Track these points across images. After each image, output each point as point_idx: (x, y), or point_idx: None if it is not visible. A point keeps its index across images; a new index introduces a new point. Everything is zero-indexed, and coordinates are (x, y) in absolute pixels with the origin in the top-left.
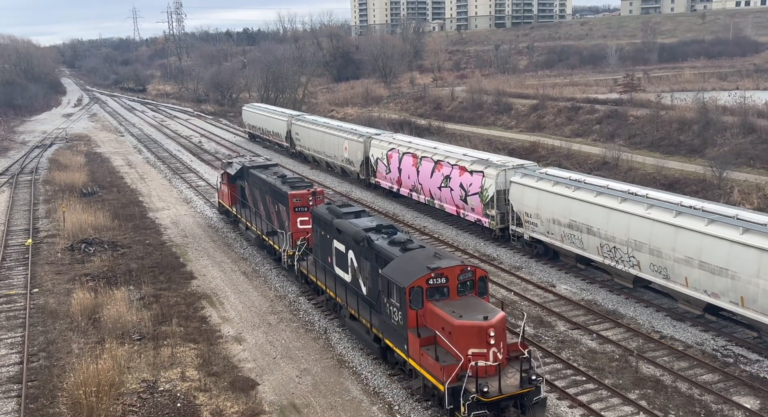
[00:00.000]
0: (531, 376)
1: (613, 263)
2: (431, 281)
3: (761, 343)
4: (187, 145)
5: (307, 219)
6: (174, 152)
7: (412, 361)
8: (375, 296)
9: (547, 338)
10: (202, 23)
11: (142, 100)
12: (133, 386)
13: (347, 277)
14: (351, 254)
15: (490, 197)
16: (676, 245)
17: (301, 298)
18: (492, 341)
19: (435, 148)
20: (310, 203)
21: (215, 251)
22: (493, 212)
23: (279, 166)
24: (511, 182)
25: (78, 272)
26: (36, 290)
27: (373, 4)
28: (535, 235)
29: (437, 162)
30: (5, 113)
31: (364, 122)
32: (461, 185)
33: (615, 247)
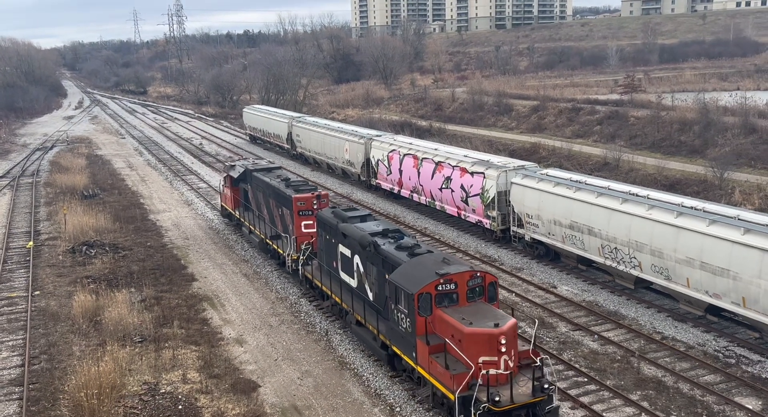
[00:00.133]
0: (543, 384)
1: (614, 264)
2: (440, 287)
3: (763, 344)
4: (187, 147)
5: (311, 223)
6: (175, 154)
7: (420, 369)
8: (382, 302)
9: (548, 339)
10: (202, 25)
11: (143, 102)
12: (134, 388)
13: (353, 283)
14: (357, 259)
15: (491, 198)
16: (677, 246)
17: (302, 299)
18: (503, 349)
19: (436, 149)
20: (315, 207)
21: (216, 253)
22: (494, 213)
23: (282, 168)
24: (512, 183)
25: (79, 274)
26: (37, 293)
27: (374, 6)
28: (536, 236)
29: (438, 163)
30: (6, 116)
31: (364, 124)
32: (462, 186)
33: (616, 248)
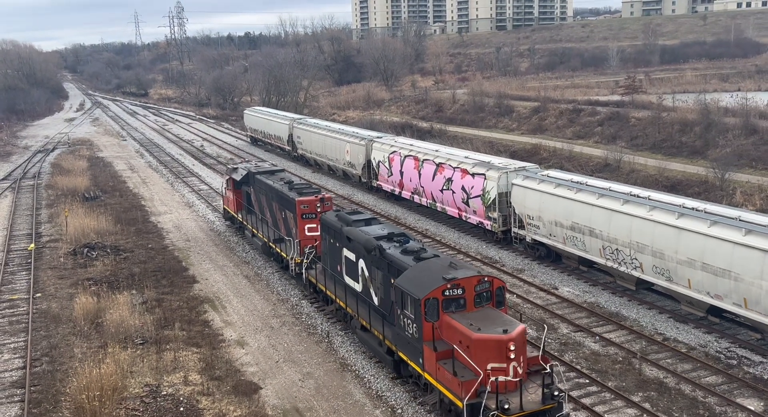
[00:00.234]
0: (553, 391)
1: (615, 265)
2: (447, 292)
3: (765, 345)
4: (189, 149)
5: (315, 226)
6: (176, 156)
7: (427, 376)
8: (388, 307)
9: (549, 341)
10: (203, 27)
11: (144, 104)
12: (136, 390)
13: (358, 287)
14: (362, 263)
15: (492, 200)
16: (678, 247)
17: (303, 301)
18: (512, 355)
19: (437, 150)
20: (318, 210)
21: (217, 255)
22: (495, 215)
23: (285, 171)
24: (513, 185)
25: (80, 277)
26: (39, 295)
27: (374, 8)
28: (537, 238)
29: (439, 165)
30: (8, 118)
31: (365, 125)
32: (463, 188)
33: (617, 249)
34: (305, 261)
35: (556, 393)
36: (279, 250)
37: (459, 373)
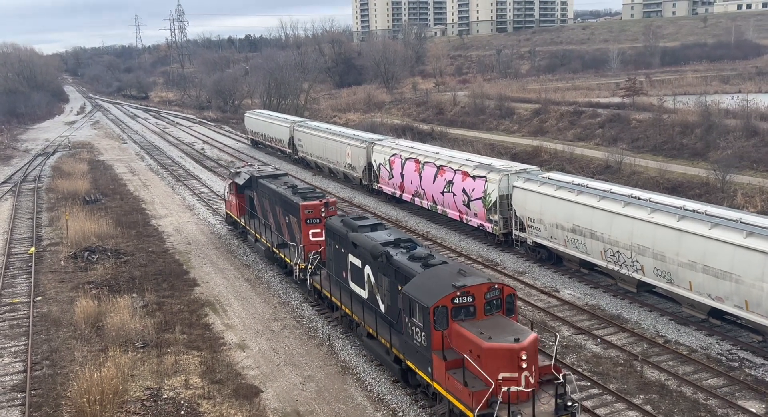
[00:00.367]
0: (566, 401)
1: (616, 267)
2: (457, 300)
3: (766, 347)
4: (189, 152)
5: (319, 231)
6: (177, 159)
7: (437, 386)
8: (395, 315)
9: (551, 344)
10: (204, 30)
11: (145, 107)
12: (136, 394)
13: (364, 294)
14: (368, 269)
15: (492, 202)
16: (679, 249)
17: (304, 304)
18: (524, 365)
19: (437, 153)
20: (323, 214)
21: (218, 258)
22: (496, 217)
23: (289, 175)
24: (513, 187)
25: (81, 280)
26: (39, 298)
27: (375, 10)
28: (538, 240)
29: (440, 167)
30: (8, 121)
31: (366, 128)
32: (464, 190)
33: (618, 252)
34: (309, 267)
35: (569, 403)
36: (283, 256)
37: (470, 383)
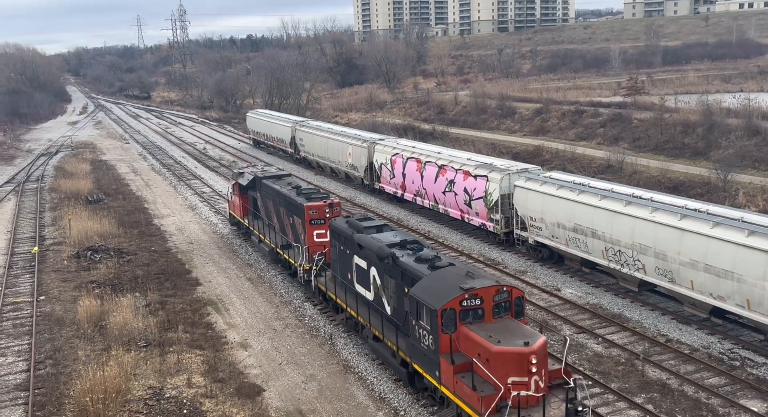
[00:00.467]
0: (577, 406)
1: (618, 267)
2: (465, 303)
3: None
4: (191, 151)
5: (324, 232)
6: (179, 159)
7: (445, 390)
8: (401, 317)
9: (552, 342)
10: (206, 30)
11: (147, 107)
12: (139, 393)
13: (369, 296)
14: (373, 271)
15: (494, 201)
16: (681, 248)
17: (306, 304)
18: (534, 369)
19: (439, 152)
20: (327, 215)
21: (220, 257)
22: (497, 216)
23: (293, 176)
24: (515, 186)
25: (84, 279)
26: (42, 298)
27: (376, 10)
28: (539, 239)
29: (441, 167)
30: (11, 121)
31: (367, 127)
32: (465, 190)
33: (620, 251)
34: (314, 268)
35: (580, 408)
36: (287, 257)
37: (478, 388)
